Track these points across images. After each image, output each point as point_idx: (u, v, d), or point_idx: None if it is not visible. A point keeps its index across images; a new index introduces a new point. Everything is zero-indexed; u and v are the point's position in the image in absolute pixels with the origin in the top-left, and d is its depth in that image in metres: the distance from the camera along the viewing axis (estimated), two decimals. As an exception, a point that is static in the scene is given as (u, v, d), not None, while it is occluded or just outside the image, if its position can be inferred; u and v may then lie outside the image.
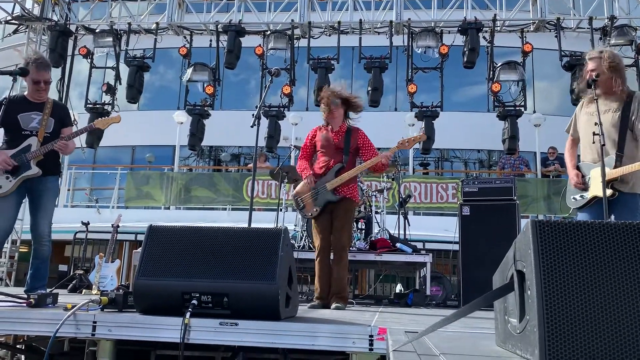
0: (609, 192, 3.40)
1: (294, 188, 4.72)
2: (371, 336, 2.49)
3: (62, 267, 8.81)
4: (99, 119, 4.77)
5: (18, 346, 4.21)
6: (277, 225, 6.77)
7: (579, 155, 3.89)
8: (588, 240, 1.46)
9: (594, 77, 3.55)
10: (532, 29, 8.75)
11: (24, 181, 4.17)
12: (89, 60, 9.26)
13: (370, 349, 2.48)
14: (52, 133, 4.28)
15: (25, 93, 4.35)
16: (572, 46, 8.51)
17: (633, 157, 3.46)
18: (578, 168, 3.77)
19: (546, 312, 1.39)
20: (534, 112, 13.75)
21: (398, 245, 6.16)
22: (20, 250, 9.17)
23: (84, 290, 5.76)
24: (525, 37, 8.65)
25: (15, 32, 9.88)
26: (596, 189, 3.53)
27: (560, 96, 14.30)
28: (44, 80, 4.28)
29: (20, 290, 4.43)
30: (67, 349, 4.26)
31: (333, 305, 4.19)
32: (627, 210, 3.45)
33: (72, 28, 9.33)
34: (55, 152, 4.26)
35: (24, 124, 4.21)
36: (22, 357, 4.41)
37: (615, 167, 3.46)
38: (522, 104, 8.57)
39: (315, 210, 4.42)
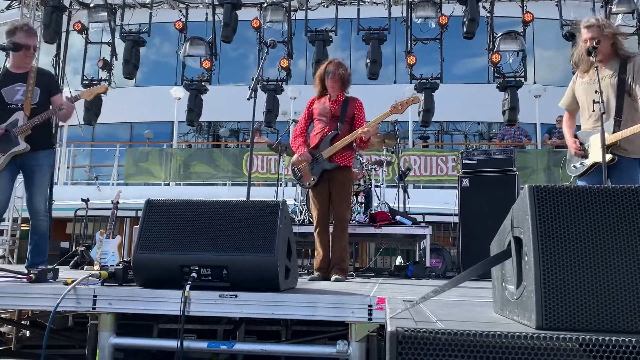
0: (608, 157, 3.39)
1: (293, 160, 4.72)
2: (370, 306, 2.50)
3: (64, 244, 8.87)
4: (84, 90, 4.66)
5: (23, 322, 4.25)
6: (276, 200, 6.77)
7: (578, 126, 3.87)
8: (585, 205, 1.45)
9: (594, 44, 3.51)
10: (532, -2, 8.62)
11: (14, 157, 4.10)
12: (84, 35, 9.15)
13: (370, 319, 2.50)
14: (39, 104, 4.17)
15: (8, 65, 4.21)
16: (573, 15, 8.37)
17: (631, 121, 3.44)
18: (576, 137, 3.77)
19: (543, 277, 1.39)
20: (534, 82, 13.64)
21: (398, 218, 6.17)
22: (22, 228, 9.21)
23: (85, 267, 5.78)
24: (526, 6, 8.51)
25: (8, 8, 9.72)
26: (595, 155, 3.53)
27: (561, 66, 14.17)
28: (34, 46, 4.21)
29: (22, 267, 4.46)
30: (71, 324, 4.31)
31: (333, 277, 4.20)
32: (625, 177, 3.45)
33: (66, 3, 9.18)
34: (45, 124, 4.18)
35: (8, 97, 4.10)
36: (27, 333, 4.46)
37: (614, 132, 3.44)
38: (522, 74, 8.49)
39: (312, 179, 4.41)
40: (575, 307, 1.37)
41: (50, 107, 4.23)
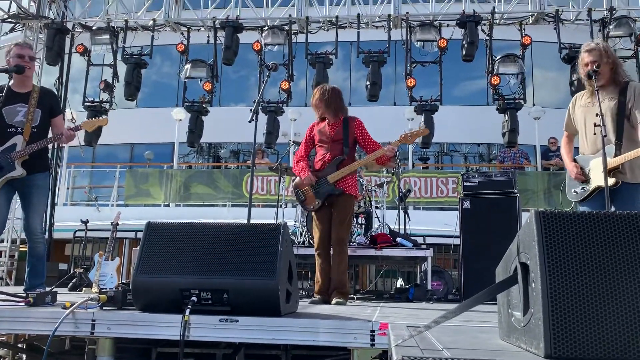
0: (611, 181, 3.37)
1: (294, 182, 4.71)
2: (373, 331, 2.47)
3: (62, 266, 8.80)
4: (86, 120, 4.67)
5: (19, 345, 4.20)
6: (276, 221, 6.75)
7: (577, 148, 3.87)
8: (592, 231, 1.43)
9: (594, 68, 3.53)
10: (530, 22, 8.70)
11: (10, 180, 4.07)
12: (86, 57, 9.21)
13: (372, 344, 2.46)
14: (39, 127, 4.16)
15: (10, 83, 4.15)
16: (571, 38, 8.45)
17: (632, 144, 3.44)
18: (575, 161, 3.76)
19: (551, 305, 1.36)
20: (534, 104, 13.71)
21: (398, 240, 6.14)
22: (20, 249, 9.14)
23: (84, 289, 5.74)
24: (524, 29, 8.59)
25: (11, 30, 9.81)
26: (597, 179, 3.50)
27: (560, 89, 14.26)
28: (29, 56, 4.17)
29: (20, 289, 4.41)
30: (68, 348, 4.25)
31: (334, 301, 4.16)
32: (628, 201, 3.43)
33: (69, 26, 9.27)
34: (42, 149, 4.16)
35: (8, 118, 4.06)
36: (24, 356, 4.40)
37: (615, 155, 3.43)
38: (522, 97, 8.53)
39: (316, 203, 4.39)
40: (584, 335, 1.35)
41: (50, 132, 4.24)
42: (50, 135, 4.29)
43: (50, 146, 4.37)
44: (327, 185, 4.36)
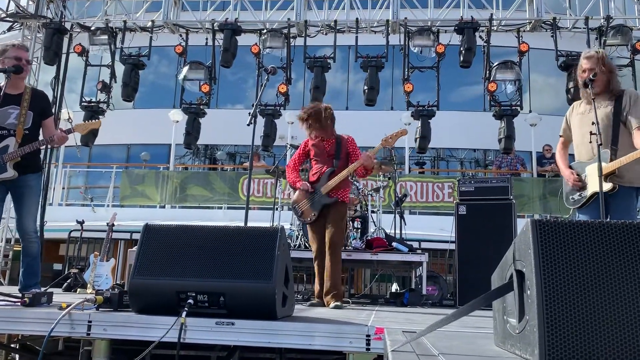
0: (608, 186, 3.41)
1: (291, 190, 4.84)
2: (368, 336, 2.48)
3: (57, 266, 8.78)
4: (78, 123, 4.65)
5: (12, 345, 4.19)
6: (272, 224, 6.76)
7: (571, 155, 3.90)
8: (588, 240, 1.45)
9: (591, 76, 3.57)
10: (528, 29, 8.74)
11: (2, 182, 4.07)
12: (84, 58, 9.20)
13: (367, 349, 2.48)
14: (31, 129, 4.16)
15: (1, 84, 4.13)
16: (568, 46, 8.50)
17: (627, 150, 3.47)
18: (571, 168, 3.80)
19: (546, 312, 1.38)
20: (530, 111, 13.78)
21: (394, 244, 6.15)
22: (14, 248, 9.11)
23: (78, 289, 5.73)
24: (522, 36, 8.64)
25: (9, 29, 9.78)
26: (594, 185, 3.54)
27: (556, 96, 14.32)
28: (25, 59, 4.18)
29: (14, 289, 4.40)
30: (61, 349, 4.25)
31: (332, 304, 4.26)
32: (623, 205, 3.47)
33: (67, 25, 9.25)
34: (34, 150, 4.15)
35: (0, 120, 4.06)
36: (17, 356, 4.39)
37: (611, 160, 3.47)
38: (518, 103, 8.57)
39: (313, 215, 4.59)
40: (578, 342, 1.36)
41: (41, 134, 4.24)
42: (41, 137, 4.29)
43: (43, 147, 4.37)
44: (320, 196, 4.56)
